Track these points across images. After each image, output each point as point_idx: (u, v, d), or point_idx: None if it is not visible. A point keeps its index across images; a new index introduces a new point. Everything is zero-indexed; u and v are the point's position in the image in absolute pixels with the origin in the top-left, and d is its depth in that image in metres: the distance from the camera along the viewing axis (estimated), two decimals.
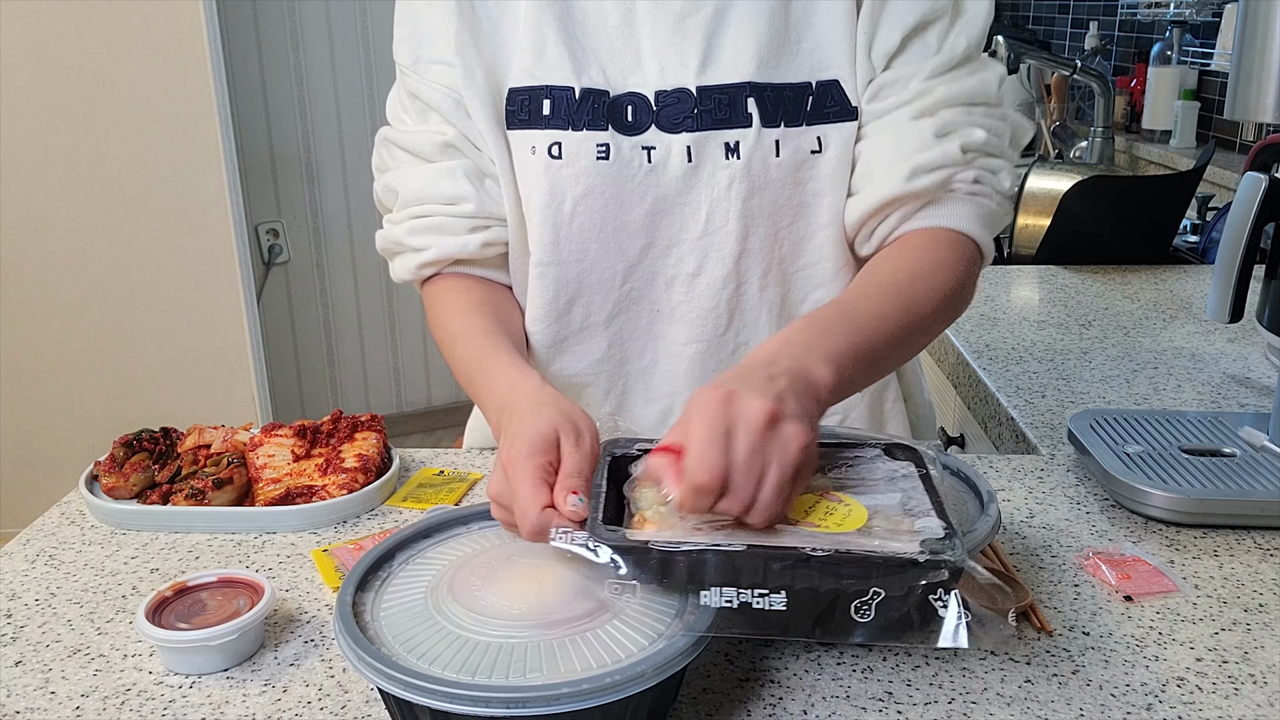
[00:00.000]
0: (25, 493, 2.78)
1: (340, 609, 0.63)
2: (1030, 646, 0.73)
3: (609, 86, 0.91)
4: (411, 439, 3.49)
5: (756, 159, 0.90)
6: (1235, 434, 0.99)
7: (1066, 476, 0.99)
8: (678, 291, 0.96)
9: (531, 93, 0.91)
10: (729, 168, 0.91)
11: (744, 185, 0.91)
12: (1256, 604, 0.78)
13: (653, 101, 0.91)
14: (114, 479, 0.95)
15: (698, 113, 0.90)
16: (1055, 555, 0.85)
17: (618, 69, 0.91)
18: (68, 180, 2.58)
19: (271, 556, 0.87)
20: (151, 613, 0.72)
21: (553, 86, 0.91)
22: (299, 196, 3.33)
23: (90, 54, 2.51)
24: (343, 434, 1.02)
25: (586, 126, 0.90)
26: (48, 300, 2.66)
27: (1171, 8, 2.51)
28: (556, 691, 0.55)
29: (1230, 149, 2.45)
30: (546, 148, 0.91)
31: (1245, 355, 1.32)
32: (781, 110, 0.90)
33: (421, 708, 0.57)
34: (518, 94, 0.92)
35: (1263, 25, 0.88)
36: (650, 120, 0.91)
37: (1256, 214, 0.95)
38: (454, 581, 0.66)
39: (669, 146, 0.90)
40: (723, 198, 0.91)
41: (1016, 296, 1.64)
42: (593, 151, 0.90)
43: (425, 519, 0.74)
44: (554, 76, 0.91)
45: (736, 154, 0.90)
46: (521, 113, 0.92)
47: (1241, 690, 0.68)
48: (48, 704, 0.68)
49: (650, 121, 0.91)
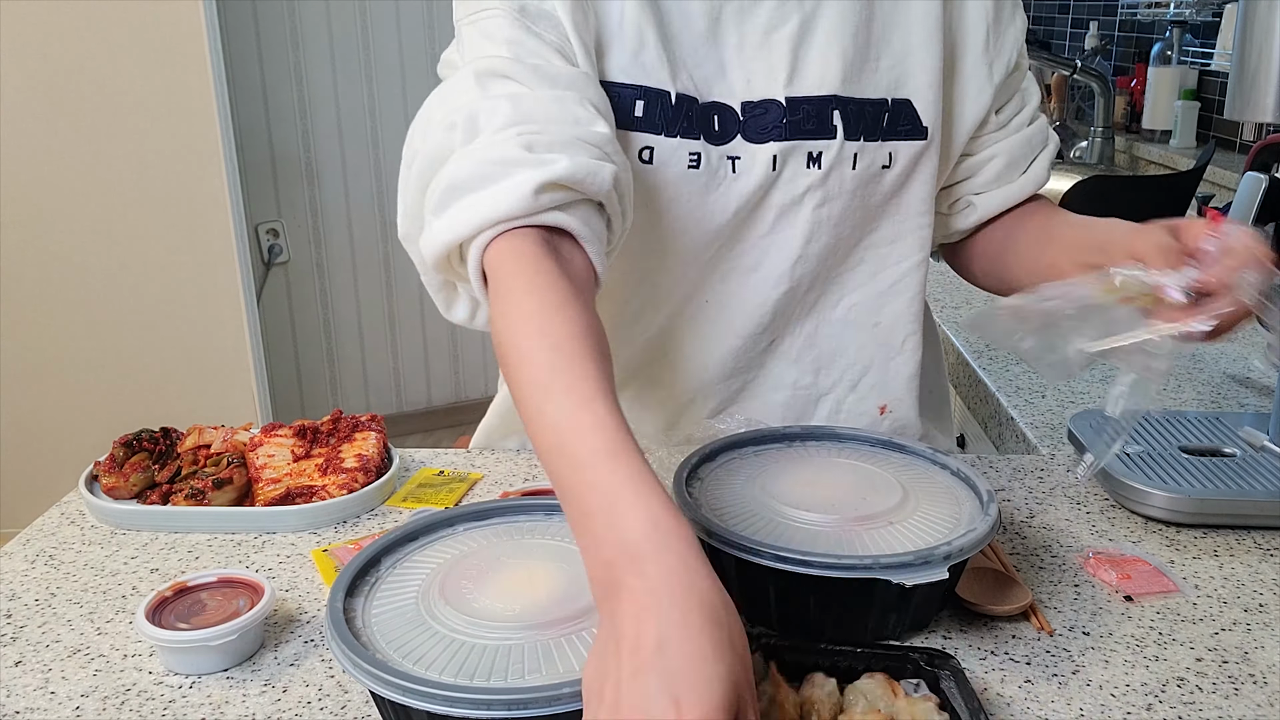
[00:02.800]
0: (25, 493, 2.77)
1: (331, 615, 0.63)
2: (1031, 647, 0.73)
3: (698, 94, 0.90)
4: (411, 439, 3.48)
5: (835, 171, 0.93)
6: (1235, 434, 1.00)
7: (1066, 476, 0.99)
8: (732, 283, 0.97)
9: (623, 90, 0.87)
10: (809, 176, 0.93)
11: (818, 194, 0.94)
12: (1256, 604, 0.78)
13: (739, 112, 0.91)
14: (114, 479, 0.95)
15: (786, 123, 0.91)
16: (1055, 555, 0.85)
17: (704, 77, 0.90)
18: (68, 180, 2.58)
19: (271, 556, 0.87)
20: (151, 613, 0.72)
21: (648, 88, 0.88)
22: (299, 196, 3.33)
23: (90, 54, 2.51)
24: (343, 434, 1.02)
25: (681, 134, 0.89)
26: (48, 300, 2.66)
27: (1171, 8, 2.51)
28: (558, 692, 0.55)
29: (1230, 149, 2.45)
30: (637, 151, 0.88)
31: (1245, 355, 1.32)
32: (862, 124, 0.93)
33: (420, 712, 0.57)
34: (609, 88, 0.87)
35: (1263, 25, 0.88)
36: (737, 130, 0.91)
37: (1256, 214, 0.95)
38: (445, 584, 0.66)
39: (754, 156, 0.91)
40: (795, 203, 0.94)
41: None
42: (685, 160, 0.89)
43: (411, 522, 0.74)
44: (651, 78, 0.88)
45: (818, 164, 0.93)
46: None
47: (1241, 690, 0.68)
48: (48, 704, 0.68)
49: (737, 132, 0.91)
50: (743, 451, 0.86)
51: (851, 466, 0.82)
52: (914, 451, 0.85)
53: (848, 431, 0.88)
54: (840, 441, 0.88)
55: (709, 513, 0.75)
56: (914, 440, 0.86)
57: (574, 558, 0.69)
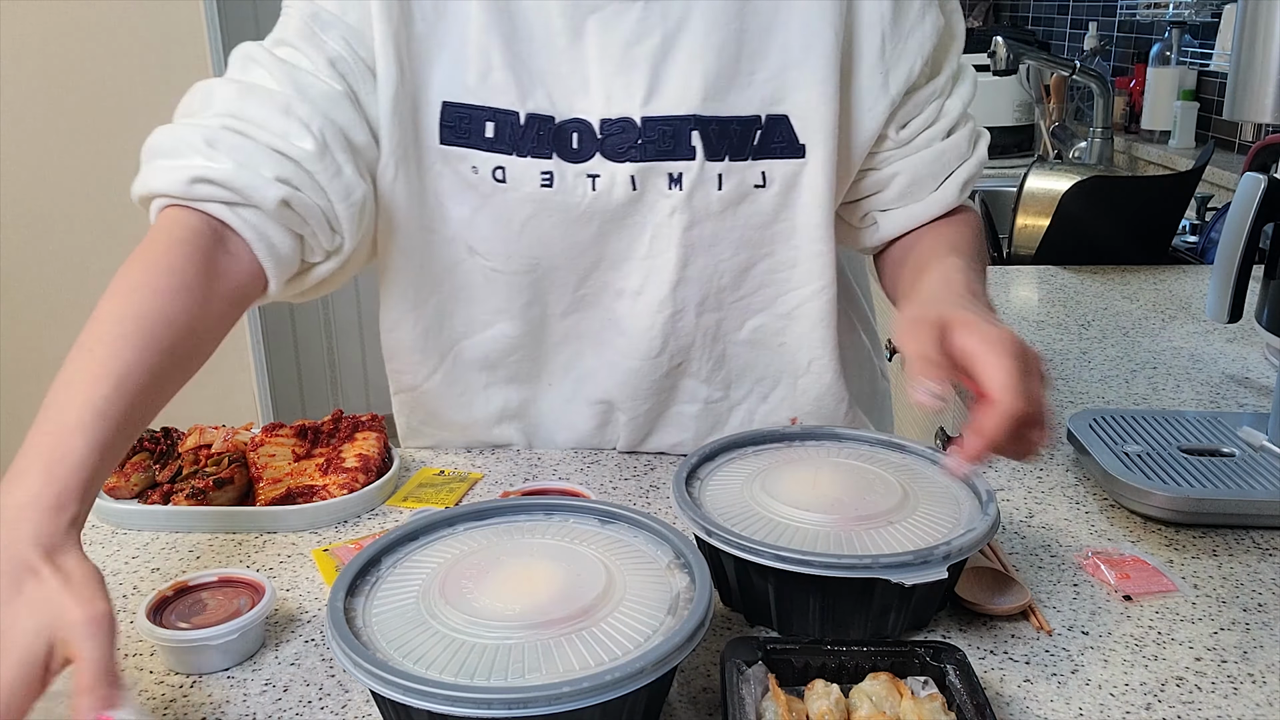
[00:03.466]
0: None
1: (332, 614, 0.63)
2: (1030, 646, 0.73)
3: (554, 112, 0.89)
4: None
5: (699, 192, 0.90)
6: (1234, 434, 1.00)
7: (1066, 476, 0.99)
8: (624, 304, 0.97)
9: (473, 112, 0.89)
10: (671, 197, 0.91)
11: (685, 215, 0.91)
12: (1255, 604, 0.78)
13: (597, 130, 0.89)
14: (115, 479, 0.95)
15: (641, 143, 0.89)
16: (1054, 555, 0.85)
17: (563, 93, 0.89)
18: (68, 180, 2.58)
19: (272, 556, 0.87)
20: (152, 612, 0.73)
21: (497, 109, 0.89)
22: None
23: (90, 54, 2.52)
24: (343, 434, 1.02)
25: (531, 154, 0.89)
26: (48, 300, 2.66)
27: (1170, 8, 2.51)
28: (558, 691, 0.55)
29: (1229, 149, 2.45)
30: (490, 170, 0.90)
31: (1244, 355, 1.32)
32: (726, 144, 0.90)
33: (420, 712, 0.57)
34: (456, 110, 0.89)
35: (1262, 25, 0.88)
36: (595, 148, 0.89)
37: (1255, 214, 0.95)
38: (445, 584, 0.66)
39: (613, 175, 0.90)
40: (664, 224, 0.92)
41: (1016, 297, 1.64)
42: (537, 179, 0.89)
43: (411, 522, 0.74)
44: (499, 100, 0.88)
45: (679, 184, 0.90)
46: (459, 130, 0.90)
47: (1240, 690, 0.68)
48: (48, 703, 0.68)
49: (595, 149, 0.89)
50: (743, 451, 0.86)
51: (851, 466, 0.83)
52: (914, 451, 0.85)
53: (848, 432, 0.88)
54: (840, 441, 0.88)
55: (709, 512, 0.75)
56: (914, 440, 0.86)
57: (574, 557, 0.69)
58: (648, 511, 0.76)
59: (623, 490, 0.98)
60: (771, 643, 0.66)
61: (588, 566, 0.67)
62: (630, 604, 0.64)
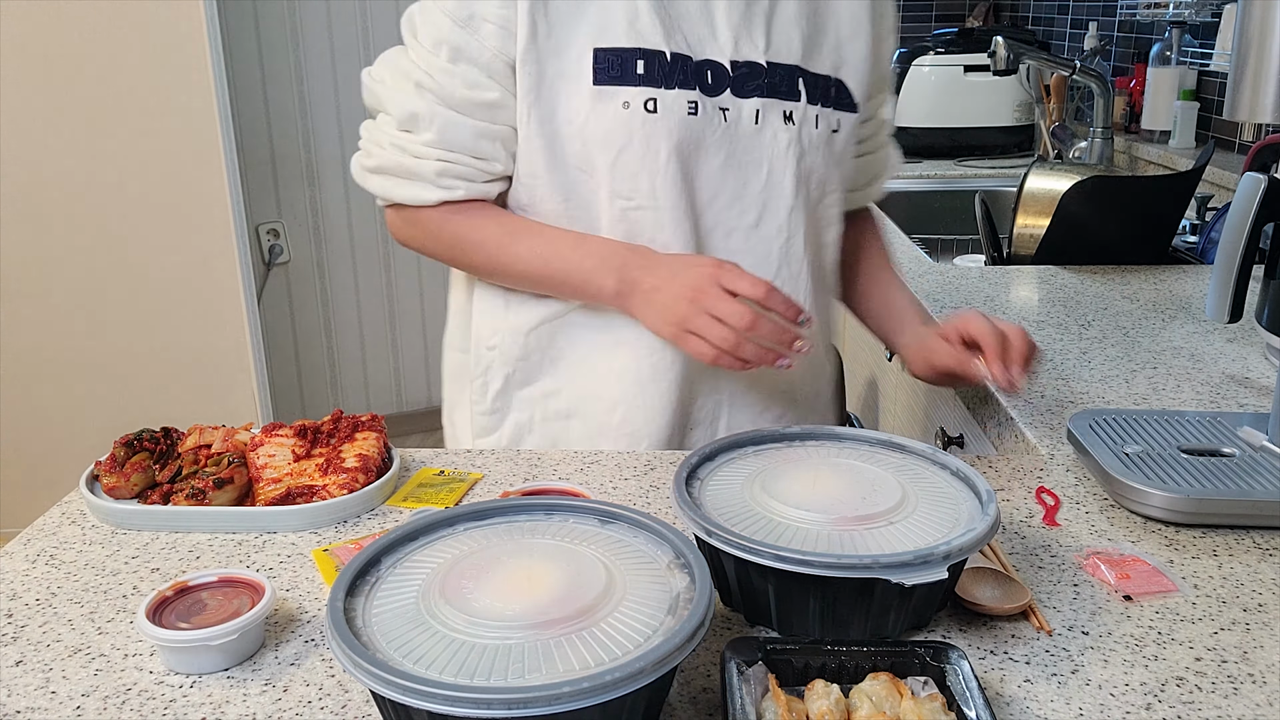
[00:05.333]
0: (26, 493, 2.78)
1: (332, 614, 0.63)
2: (1030, 646, 0.73)
3: (691, 52, 1.03)
4: (412, 439, 3.48)
5: (805, 128, 1.09)
6: (1234, 434, 1.00)
7: (1066, 476, 0.99)
8: (736, 241, 1.09)
9: (624, 54, 1.02)
10: (787, 131, 1.08)
11: (796, 148, 1.08)
12: (1256, 604, 0.78)
13: (729, 69, 1.05)
14: (115, 479, 0.95)
15: (766, 83, 1.06)
16: (1054, 555, 0.85)
17: (697, 38, 1.04)
18: (68, 180, 2.58)
19: (272, 556, 0.87)
20: (152, 612, 0.72)
21: (646, 49, 1.02)
22: (299, 196, 3.33)
23: (90, 54, 2.52)
24: (343, 434, 1.02)
25: (679, 85, 1.02)
26: (48, 300, 2.66)
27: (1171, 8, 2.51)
28: (558, 691, 0.55)
29: (1229, 149, 2.45)
30: (642, 103, 1.02)
31: (1244, 355, 1.32)
32: (819, 92, 1.09)
33: (420, 712, 0.57)
34: (608, 54, 1.02)
35: (1262, 25, 0.88)
36: (727, 85, 1.05)
37: (1255, 214, 0.95)
38: (445, 584, 0.66)
39: (740, 109, 1.05)
40: (781, 157, 1.08)
41: (1016, 297, 1.64)
42: (684, 107, 1.03)
43: (411, 522, 0.74)
44: (647, 41, 1.02)
45: (791, 121, 1.08)
46: (613, 70, 1.02)
47: (1241, 690, 0.68)
48: (48, 704, 0.68)
49: (727, 86, 1.05)
50: (742, 451, 0.86)
51: (851, 466, 0.83)
52: (914, 451, 0.85)
53: (848, 432, 0.88)
54: (840, 441, 0.88)
55: (709, 512, 0.75)
56: (914, 440, 0.86)
57: (574, 558, 0.69)
58: (648, 511, 0.76)
59: (623, 490, 0.98)
60: (771, 643, 0.66)
61: (588, 566, 0.67)
62: (630, 604, 0.64)
